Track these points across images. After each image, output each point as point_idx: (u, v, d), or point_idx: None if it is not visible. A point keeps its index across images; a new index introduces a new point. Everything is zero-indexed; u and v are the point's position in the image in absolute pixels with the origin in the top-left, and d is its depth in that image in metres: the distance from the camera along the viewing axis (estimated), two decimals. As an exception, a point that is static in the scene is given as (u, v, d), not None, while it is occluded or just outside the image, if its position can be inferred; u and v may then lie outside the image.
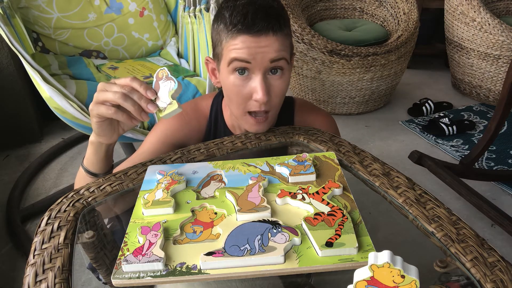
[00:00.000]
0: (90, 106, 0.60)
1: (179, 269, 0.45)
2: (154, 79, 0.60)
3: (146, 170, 0.64)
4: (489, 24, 2.14)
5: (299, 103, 0.86)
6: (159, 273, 0.45)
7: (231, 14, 0.66)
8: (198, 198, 0.57)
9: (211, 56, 0.75)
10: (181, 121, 0.80)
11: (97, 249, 0.55)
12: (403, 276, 0.36)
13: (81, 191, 0.60)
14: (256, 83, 0.67)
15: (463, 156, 1.77)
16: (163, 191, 0.57)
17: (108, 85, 0.59)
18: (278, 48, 0.66)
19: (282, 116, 0.83)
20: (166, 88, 0.59)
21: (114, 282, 0.44)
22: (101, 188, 0.61)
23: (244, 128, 0.77)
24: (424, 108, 2.24)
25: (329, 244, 0.46)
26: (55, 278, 0.46)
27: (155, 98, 0.59)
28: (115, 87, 0.59)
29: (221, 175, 0.62)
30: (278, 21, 0.65)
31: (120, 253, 0.47)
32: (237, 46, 0.65)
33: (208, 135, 0.84)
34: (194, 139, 0.81)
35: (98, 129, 0.62)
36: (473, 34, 2.24)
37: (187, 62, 1.63)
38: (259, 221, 0.51)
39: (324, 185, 0.57)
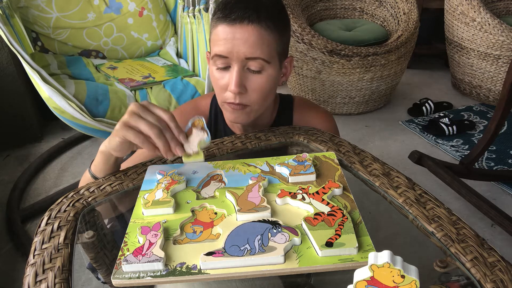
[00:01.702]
0: (117, 126, 0.59)
1: (179, 269, 0.45)
2: (189, 124, 0.63)
3: (146, 170, 0.64)
4: (489, 24, 2.14)
5: (298, 101, 0.86)
6: (159, 273, 0.45)
7: (218, 6, 0.68)
8: (198, 198, 0.57)
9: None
10: (181, 121, 0.80)
11: (97, 249, 0.55)
12: (403, 276, 0.36)
13: (81, 191, 0.60)
14: (231, 75, 0.69)
15: (463, 156, 1.77)
16: (163, 191, 0.57)
17: (142, 111, 0.58)
18: (254, 43, 0.65)
19: (281, 114, 0.83)
20: (198, 137, 0.62)
21: (114, 282, 0.44)
22: (101, 188, 0.61)
23: (226, 118, 0.78)
24: (424, 108, 2.24)
25: (329, 244, 0.46)
26: (55, 278, 0.46)
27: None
28: (150, 117, 0.58)
29: (221, 175, 0.62)
30: (257, 11, 0.65)
31: (120, 253, 0.47)
32: (217, 37, 0.67)
33: (208, 134, 0.84)
34: (195, 138, 0.81)
35: (116, 147, 0.61)
36: (473, 34, 2.24)
37: (186, 62, 1.63)
38: (259, 221, 0.51)
39: (324, 185, 0.57)
